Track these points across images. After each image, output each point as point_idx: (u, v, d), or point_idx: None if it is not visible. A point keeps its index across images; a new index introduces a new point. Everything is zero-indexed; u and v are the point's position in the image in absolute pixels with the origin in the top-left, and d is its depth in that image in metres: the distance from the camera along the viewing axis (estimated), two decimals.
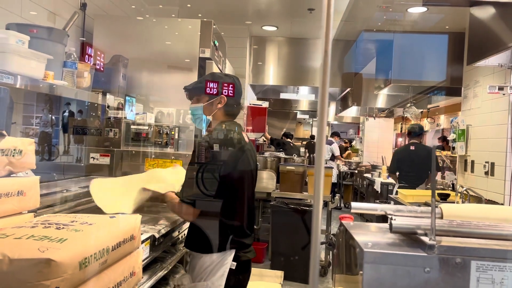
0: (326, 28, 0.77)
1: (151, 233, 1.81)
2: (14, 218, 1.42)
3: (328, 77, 0.77)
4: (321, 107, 0.77)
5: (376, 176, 7.70)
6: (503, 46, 3.37)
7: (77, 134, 2.89)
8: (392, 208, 1.29)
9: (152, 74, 3.38)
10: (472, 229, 1.04)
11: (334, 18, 5.42)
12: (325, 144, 9.59)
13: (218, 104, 2.04)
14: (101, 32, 3.29)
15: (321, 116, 0.77)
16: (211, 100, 2.06)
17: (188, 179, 2.03)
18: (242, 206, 2.05)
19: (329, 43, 0.78)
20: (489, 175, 3.93)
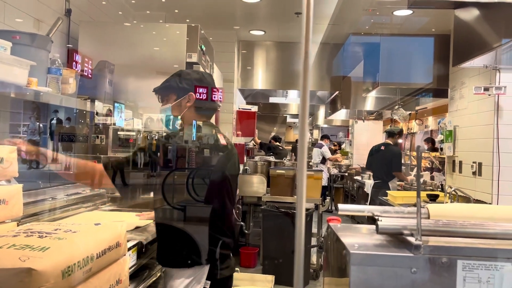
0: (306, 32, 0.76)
1: (138, 239, 1.79)
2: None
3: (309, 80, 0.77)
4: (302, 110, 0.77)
5: (366, 178, 7.73)
6: (487, 47, 3.41)
7: (65, 141, 2.85)
8: (379, 209, 1.29)
9: (140, 79, 3.36)
10: (458, 229, 1.04)
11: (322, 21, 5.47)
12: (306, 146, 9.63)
13: (187, 103, 1.90)
14: (86, 38, 3.26)
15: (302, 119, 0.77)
16: (178, 99, 1.92)
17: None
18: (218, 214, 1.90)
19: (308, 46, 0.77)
20: (476, 175, 3.97)
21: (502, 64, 3.70)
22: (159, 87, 1.98)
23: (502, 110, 3.69)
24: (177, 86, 1.93)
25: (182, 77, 1.96)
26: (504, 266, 0.93)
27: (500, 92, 3.61)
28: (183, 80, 1.94)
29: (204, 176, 1.87)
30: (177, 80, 1.95)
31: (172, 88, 1.95)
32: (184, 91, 1.92)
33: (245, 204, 5.46)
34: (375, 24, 5.25)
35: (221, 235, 1.92)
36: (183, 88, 1.92)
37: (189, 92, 1.91)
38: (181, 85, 1.92)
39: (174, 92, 1.94)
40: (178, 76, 1.97)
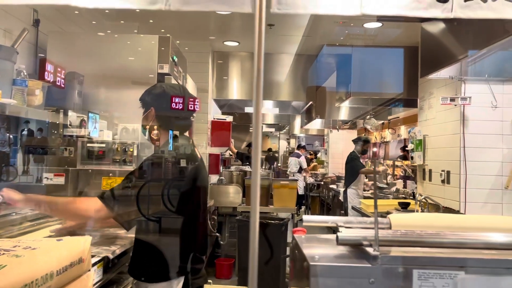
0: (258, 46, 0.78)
1: (104, 254, 1.75)
2: None
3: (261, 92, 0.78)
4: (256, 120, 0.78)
5: (341, 187, 7.82)
6: (453, 59, 3.53)
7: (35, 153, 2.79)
8: (342, 220, 1.31)
9: (112, 90, 3.33)
10: (415, 238, 1.07)
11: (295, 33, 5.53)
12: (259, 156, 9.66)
13: (150, 117, 1.95)
14: (55, 48, 3.21)
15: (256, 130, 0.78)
16: (145, 113, 1.98)
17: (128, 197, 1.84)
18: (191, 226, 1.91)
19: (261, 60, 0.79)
20: (445, 183, 4.07)
21: (467, 76, 3.83)
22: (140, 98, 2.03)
23: (468, 120, 3.81)
24: (143, 100, 1.99)
25: (148, 92, 2.01)
26: (458, 275, 0.96)
27: (466, 102, 3.72)
28: (148, 95, 1.99)
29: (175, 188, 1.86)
30: (145, 94, 2.00)
31: (141, 101, 2.01)
32: (148, 106, 1.97)
33: (221, 214, 5.44)
34: (347, 35, 5.36)
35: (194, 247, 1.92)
36: (147, 102, 1.97)
37: (151, 107, 1.95)
38: (146, 99, 1.98)
39: (143, 105, 2.00)
40: (147, 90, 2.02)
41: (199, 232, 1.99)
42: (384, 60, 5.38)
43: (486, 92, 3.78)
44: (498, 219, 1.33)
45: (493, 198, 3.74)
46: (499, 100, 3.78)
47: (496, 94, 3.77)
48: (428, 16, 1.45)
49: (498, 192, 3.75)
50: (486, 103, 3.78)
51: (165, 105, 1.94)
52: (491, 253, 1.02)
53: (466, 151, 3.78)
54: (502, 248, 1.05)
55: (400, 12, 1.44)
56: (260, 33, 0.77)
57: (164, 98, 1.96)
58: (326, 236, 1.33)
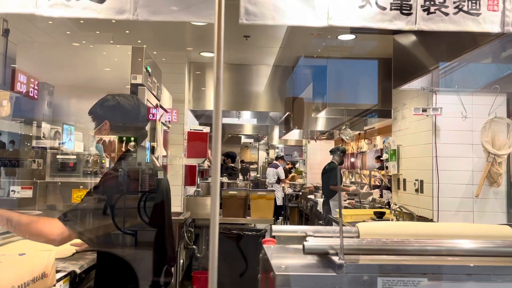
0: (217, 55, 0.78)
1: (71, 268, 1.70)
2: None
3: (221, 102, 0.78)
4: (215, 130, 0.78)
5: (319, 197, 7.86)
6: (424, 70, 3.62)
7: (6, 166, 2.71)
8: (311, 229, 1.31)
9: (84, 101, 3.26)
10: (380, 246, 1.07)
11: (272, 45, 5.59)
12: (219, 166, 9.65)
13: (104, 131, 1.89)
14: (24, 58, 3.15)
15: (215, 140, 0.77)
16: (97, 126, 1.91)
17: None
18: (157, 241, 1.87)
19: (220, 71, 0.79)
20: (419, 192, 4.14)
21: (438, 87, 3.93)
22: (89, 111, 1.97)
23: (440, 130, 3.89)
24: (95, 113, 1.92)
25: (100, 104, 1.93)
26: (421, 281, 0.97)
27: (437, 113, 3.81)
28: (101, 108, 1.92)
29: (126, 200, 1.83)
30: (97, 107, 1.93)
31: (92, 114, 1.95)
32: (101, 119, 1.90)
33: (198, 226, 5.38)
34: (322, 47, 5.44)
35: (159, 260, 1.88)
36: (100, 115, 1.90)
37: (104, 120, 1.89)
38: (99, 112, 1.91)
39: (95, 119, 1.93)
40: (99, 102, 1.95)
41: (167, 245, 1.95)
42: (358, 72, 5.48)
43: (456, 103, 3.88)
44: (463, 226, 1.35)
45: (465, 206, 3.82)
46: (469, 110, 3.88)
47: (466, 105, 3.87)
48: (393, 28, 1.48)
49: (469, 200, 3.83)
50: (457, 114, 3.88)
51: (120, 117, 1.88)
52: (454, 260, 1.03)
53: (438, 161, 3.85)
54: (464, 255, 1.07)
55: (366, 24, 1.46)
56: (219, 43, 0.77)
57: (118, 110, 1.90)
58: (295, 246, 1.33)
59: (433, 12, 1.41)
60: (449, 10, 1.41)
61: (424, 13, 1.41)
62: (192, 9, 1.41)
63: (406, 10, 1.39)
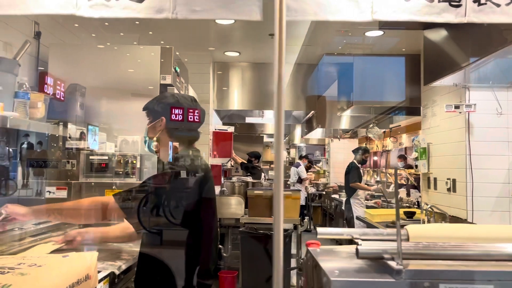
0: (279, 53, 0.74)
1: (110, 270, 1.70)
2: None
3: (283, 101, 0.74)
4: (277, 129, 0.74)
5: (343, 196, 7.77)
6: (456, 66, 3.51)
7: (35, 167, 2.74)
8: (358, 232, 1.26)
9: (113, 102, 3.29)
10: (438, 251, 1.02)
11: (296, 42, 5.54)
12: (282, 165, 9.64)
13: (159, 127, 1.88)
14: (57, 60, 3.19)
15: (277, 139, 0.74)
16: (152, 122, 1.92)
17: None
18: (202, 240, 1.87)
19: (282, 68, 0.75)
20: (451, 191, 4.02)
21: (471, 82, 3.81)
22: (144, 106, 1.97)
23: (473, 127, 3.78)
24: (152, 109, 1.92)
25: (158, 100, 1.94)
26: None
27: (470, 109, 3.70)
28: (158, 104, 1.92)
29: (181, 199, 1.81)
30: (154, 103, 1.94)
31: (148, 110, 1.95)
32: (157, 115, 1.90)
33: (223, 226, 5.37)
34: (348, 44, 5.35)
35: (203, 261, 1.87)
36: (157, 111, 1.90)
37: (161, 116, 1.88)
38: (156, 109, 1.91)
39: (150, 115, 1.94)
40: (156, 99, 1.96)
41: (208, 246, 1.93)
42: (385, 68, 5.37)
43: (491, 99, 3.76)
44: None
45: (501, 206, 3.69)
46: (504, 106, 3.75)
47: (501, 101, 3.75)
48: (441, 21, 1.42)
49: (505, 200, 3.70)
50: (491, 110, 3.75)
51: (178, 116, 1.87)
52: None
53: (472, 159, 3.74)
54: None
55: (413, 17, 1.41)
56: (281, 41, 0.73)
57: (177, 108, 1.89)
58: (342, 248, 1.29)
59: (484, 3, 1.34)
60: (500, 1, 1.34)
61: (475, 4, 1.35)
62: (232, 6, 1.38)
63: (455, 1, 1.33)
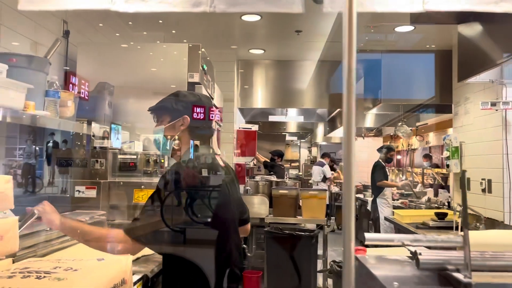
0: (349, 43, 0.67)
1: (143, 272, 1.66)
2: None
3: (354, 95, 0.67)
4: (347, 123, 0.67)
5: (368, 196, 7.62)
6: (492, 63, 3.36)
7: (61, 165, 2.74)
8: (409, 238, 1.18)
9: (140, 100, 3.26)
10: (508, 262, 0.93)
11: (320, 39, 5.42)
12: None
13: (181, 126, 1.80)
14: (85, 59, 3.18)
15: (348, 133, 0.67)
16: (172, 121, 1.82)
17: None
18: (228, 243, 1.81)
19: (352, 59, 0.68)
20: (486, 192, 3.87)
21: (508, 79, 3.64)
22: (154, 106, 1.89)
23: (511, 125, 3.61)
24: (171, 108, 1.84)
25: (178, 99, 1.86)
26: None
27: (508, 107, 3.54)
28: (179, 102, 1.85)
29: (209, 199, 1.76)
30: (173, 102, 1.85)
31: (166, 109, 1.86)
32: (179, 114, 1.82)
33: None
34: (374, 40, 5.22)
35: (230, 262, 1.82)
36: (178, 110, 1.83)
37: (183, 115, 1.81)
38: (176, 107, 1.83)
39: (168, 114, 1.84)
40: (175, 97, 1.88)
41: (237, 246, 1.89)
42: (414, 65, 5.22)
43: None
44: None
45: None
46: None
47: None
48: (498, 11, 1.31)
49: None
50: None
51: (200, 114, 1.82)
52: None
53: (509, 158, 3.57)
54: None
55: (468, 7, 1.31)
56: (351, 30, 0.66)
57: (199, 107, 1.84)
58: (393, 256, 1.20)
59: None
60: None
61: None
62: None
63: None
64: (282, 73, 6.34)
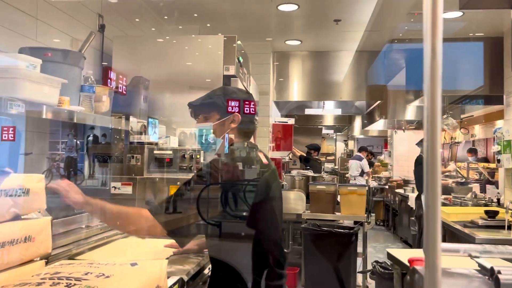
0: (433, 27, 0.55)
1: (179, 275, 1.58)
2: (22, 269, 1.22)
3: (439, 83, 0.55)
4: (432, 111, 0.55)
5: (410, 191, 7.33)
6: None
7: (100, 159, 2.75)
8: (477, 249, 1.03)
9: (175, 94, 3.21)
10: None
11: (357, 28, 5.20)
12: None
13: (231, 124, 1.73)
14: (120, 53, 3.15)
15: (432, 121, 0.54)
16: (222, 118, 1.75)
17: None
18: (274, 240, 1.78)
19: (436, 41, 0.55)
20: None
21: None
22: (199, 103, 1.80)
23: None
24: (222, 105, 1.75)
25: (228, 95, 1.77)
26: None
27: None
28: (228, 99, 1.76)
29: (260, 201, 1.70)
30: (222, 98, 1.76)
31: (216, 106, 1.76)
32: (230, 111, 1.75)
33: (284, 221, 5.22)
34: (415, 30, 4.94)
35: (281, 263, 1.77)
36: (228, 107, 1.75)
37: (234, 112, 1.73)
38: (226, 104, 1.75)
39: (217, 111, 1.75)
40: (223, 93, 1.80)
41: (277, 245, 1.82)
42: (462, 54, 4.91)
43: None
44: None
45: None
46: None
47: None
48: None
49: None
50: None
51: (248, 111, 1.75)
52: None
53: None
54: None
55: None
56: None
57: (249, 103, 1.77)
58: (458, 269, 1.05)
59: None
60: None
61: None
62: None
63: None
64: (318, 65, 6.16)
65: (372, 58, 6.20)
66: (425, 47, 0.57)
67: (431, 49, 0.57)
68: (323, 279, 4.30)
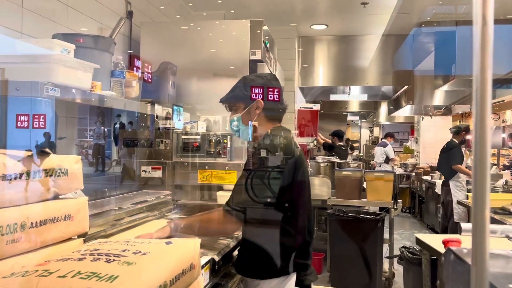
0: None
1: (210, 255, 1.61)
2: (62, 246, 1.27)
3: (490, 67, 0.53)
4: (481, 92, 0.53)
5: (437, 178, 7.20)
6: None
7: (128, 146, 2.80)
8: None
9: (202, 80, 3.22)
10: None
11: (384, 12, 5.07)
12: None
13: (256, 110, 1.84)
14: (148, 39, 3.18)
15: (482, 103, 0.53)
16: (247, 107, 1.86)
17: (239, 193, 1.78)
18: (303, 221, 1.83)
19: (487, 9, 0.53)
20: None
21: None
22: (225, 98, 1.93)
23: None
24: (243, 95, 1.86)
25: (248, 84, 1.87)
26: None
27: None
28: (248, 88, 1.86)
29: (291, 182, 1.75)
30: (242, 89, 1.87)
31: (239, 98, 1.88)
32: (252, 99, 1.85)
33: None
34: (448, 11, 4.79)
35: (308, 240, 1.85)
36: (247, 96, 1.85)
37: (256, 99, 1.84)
38: (247, 93, 1.85)
39: (241, 101, 1.88)
40: (243, 83, 1.90)
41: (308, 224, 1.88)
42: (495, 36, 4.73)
43: None
44: None
45: None
46: None
47: None
48: None
49: None
50: None
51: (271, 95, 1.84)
52: None
53: None
54: None
55: None
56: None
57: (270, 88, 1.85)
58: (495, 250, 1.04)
59: None
60: None
61: None
62: None
63: None
64: (344, 49, 6.06)
65: (399, 42, 6.06)
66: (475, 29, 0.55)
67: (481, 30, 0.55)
68: (349, 264, 4.29)
